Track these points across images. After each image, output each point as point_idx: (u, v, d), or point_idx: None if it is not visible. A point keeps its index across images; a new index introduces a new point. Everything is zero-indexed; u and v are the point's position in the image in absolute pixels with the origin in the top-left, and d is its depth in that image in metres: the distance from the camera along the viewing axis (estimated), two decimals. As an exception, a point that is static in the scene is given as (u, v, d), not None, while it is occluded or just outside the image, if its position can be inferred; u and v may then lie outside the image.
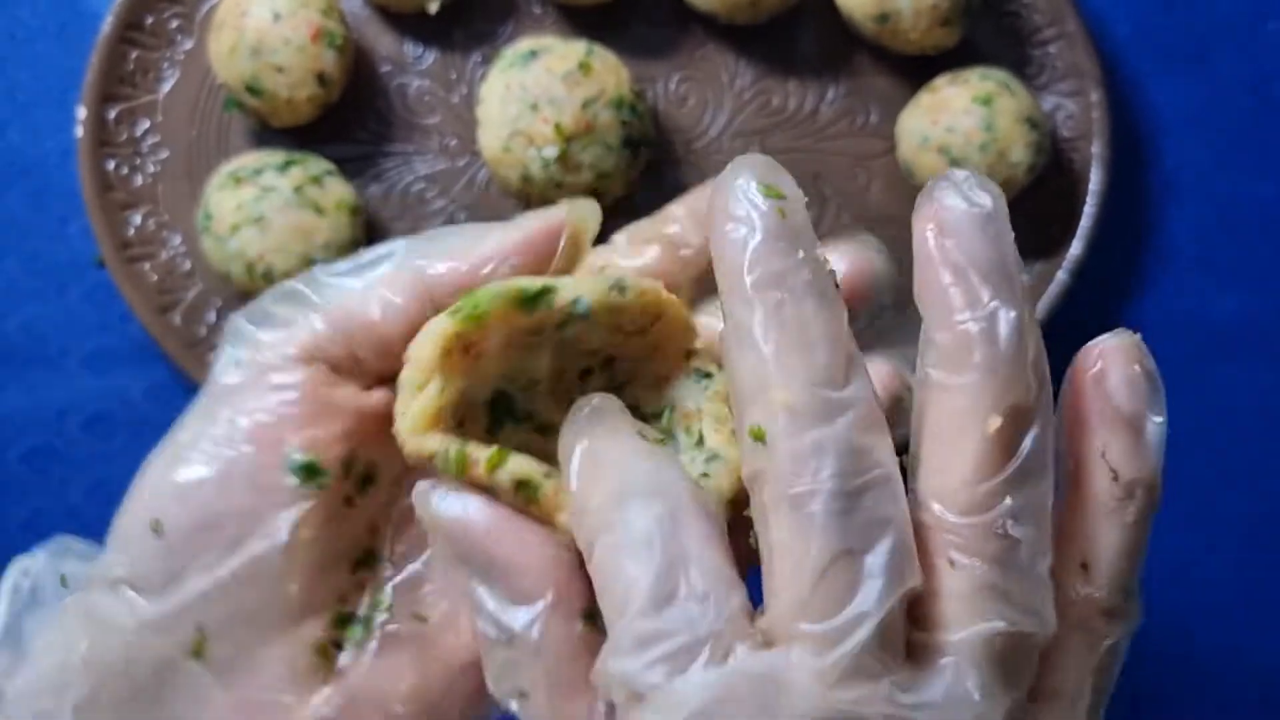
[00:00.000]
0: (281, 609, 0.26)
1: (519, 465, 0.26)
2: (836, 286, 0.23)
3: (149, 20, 0.59)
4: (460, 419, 0.27)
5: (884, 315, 0.29)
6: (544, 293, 0.26)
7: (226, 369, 0.27)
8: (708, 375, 0.28)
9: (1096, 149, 0.59)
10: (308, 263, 0.55)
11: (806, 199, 0.24)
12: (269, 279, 0.55)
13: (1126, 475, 0.24)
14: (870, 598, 0.20)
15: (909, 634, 0.22)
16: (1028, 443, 0.22)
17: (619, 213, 0.60)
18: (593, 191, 0.56)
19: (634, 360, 0.29)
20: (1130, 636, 0.25)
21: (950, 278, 0.22)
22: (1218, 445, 0.62)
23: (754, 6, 0.57)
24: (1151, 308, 0.62)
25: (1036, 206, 0.59)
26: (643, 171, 0.59)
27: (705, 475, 0.27)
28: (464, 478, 0.25)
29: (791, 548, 0.21)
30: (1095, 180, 0.59)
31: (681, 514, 0.22)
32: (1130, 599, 0.25)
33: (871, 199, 0.60)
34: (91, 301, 0.60)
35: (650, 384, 0.29)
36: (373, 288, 0.27)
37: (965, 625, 0.21)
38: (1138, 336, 0.25)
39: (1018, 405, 0.22)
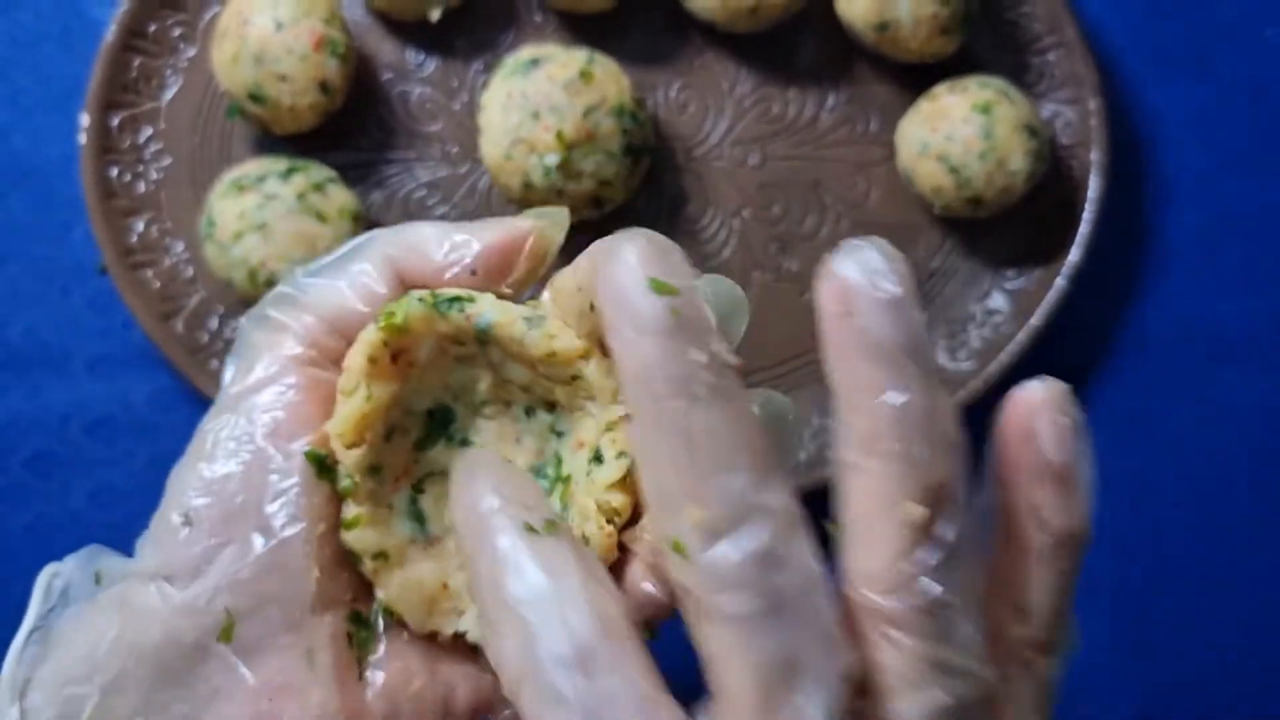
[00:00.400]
0: (304, 598, 0.28)
1: (363, 538, 0.28)
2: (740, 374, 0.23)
3: (152, 28, 0.59)
4: (393, 427, 0.29)
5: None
6: (457, 299, 0.28)
7: (236, 376, 0.29)
8: (600, 460, 0.28)
9: (1095, 156, 0.59)
10: (310, 269, 0.55)
11: (697, 278, 0.23)
12: (271, 286, 0.55)
13: (1058, 527, 0.25)
14: (812, 698, 0.21)
15: (856, 704, 0.22)
16: (946, 525, 0.22)
17: (619, 220, 0.60)
18: (594, 198, 0.56)
19: (570, 412, 0.29)
20: (1067, 661, 0.26)
21: (859, 361, 0.22)
22: (1218, 450, 0.62)
23: (754, 14, 0.57)
24: (1151, 314, 0.62)
25: (1036, 213, 0.60)
26: (643, 179, 0.59)
27: (584, 537, 0.28)
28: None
29: (726, 659, 0.22)
30: (1094, 187, 0.59)
31: (595, 651, 0.22)
32: (1063, 630, 0.26)
33: (871, 206, 0.60)
34: (94, 307, 0.61)
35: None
36: (355, 281, 0.29)
37: (909, 698, 0.22)
38: (1066, 387, 0.25)
39: (932, 486, 0.22)
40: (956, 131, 0.56)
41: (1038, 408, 0.25)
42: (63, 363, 0.61)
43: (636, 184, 0.58)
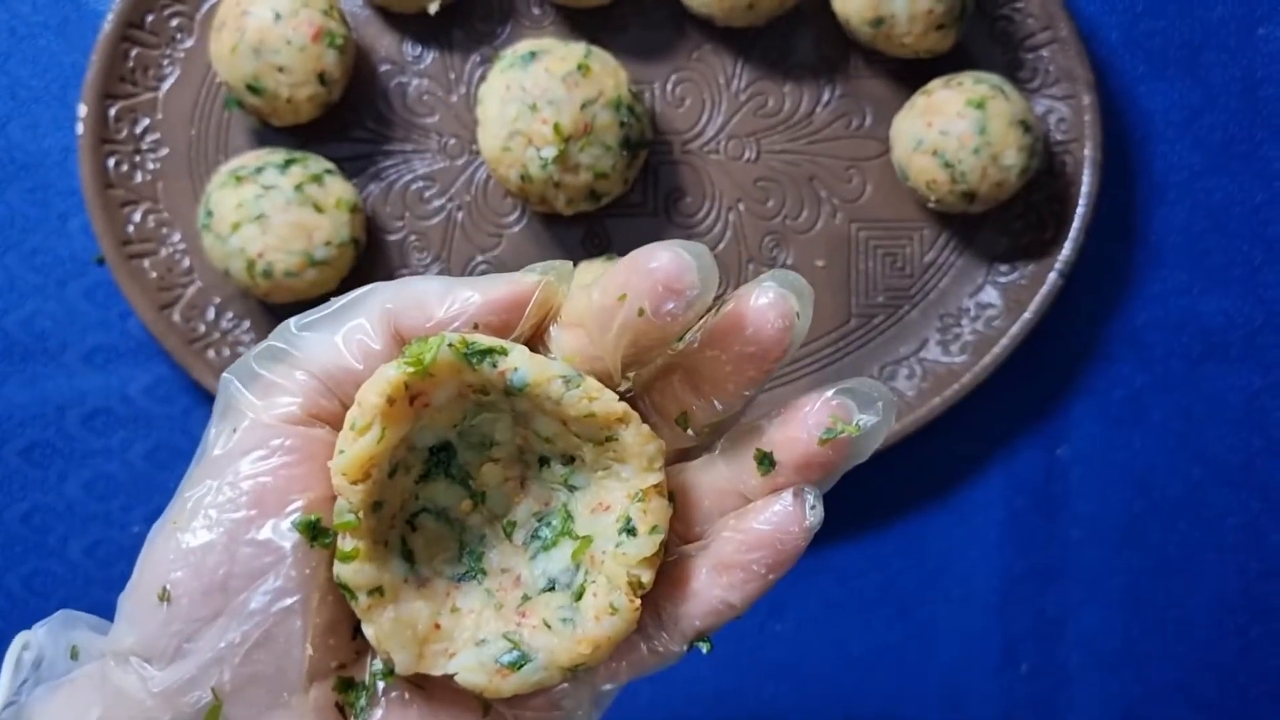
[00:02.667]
0: (293, 672, 0.26)
1: (360, 573, 0.27)
2: None
3: (150, 18, 0.59)
4: (397, 465, 0.28)
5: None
6: (490, 352, 0.27)
7: (220, 438, 0.27)
8: (632, 532, 0.28)
9: (1088, 152, 0.59)
10: (308, 260, 0.55)
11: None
12: (269, 276, 0.55)
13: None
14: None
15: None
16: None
17: (616, 212, 0.60)
18: (591, 191, 0.57)
19: (592, 470, 0.29)
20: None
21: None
22: (1206, 442, 0.63)
23: (751, 10, 0.57)
24: (1141, 308, 0.63)
25: (1029, 209, 0.60)
26: (640, 172, 0.60)
27: (567, 621, 0.28)
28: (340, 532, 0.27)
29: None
30: (1087, 183, 0.59)
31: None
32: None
33: (865, 201, 0.61)
34: (92, 298, 0.61)
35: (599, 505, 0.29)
36: (351, 336, 0.27)
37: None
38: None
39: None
40: (951, 126, 0.56)
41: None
42: (60, 353, 0.61)
43: (633, 177, 0.59)
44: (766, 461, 0.28)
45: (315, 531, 0.27)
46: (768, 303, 0.27)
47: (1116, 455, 0.63)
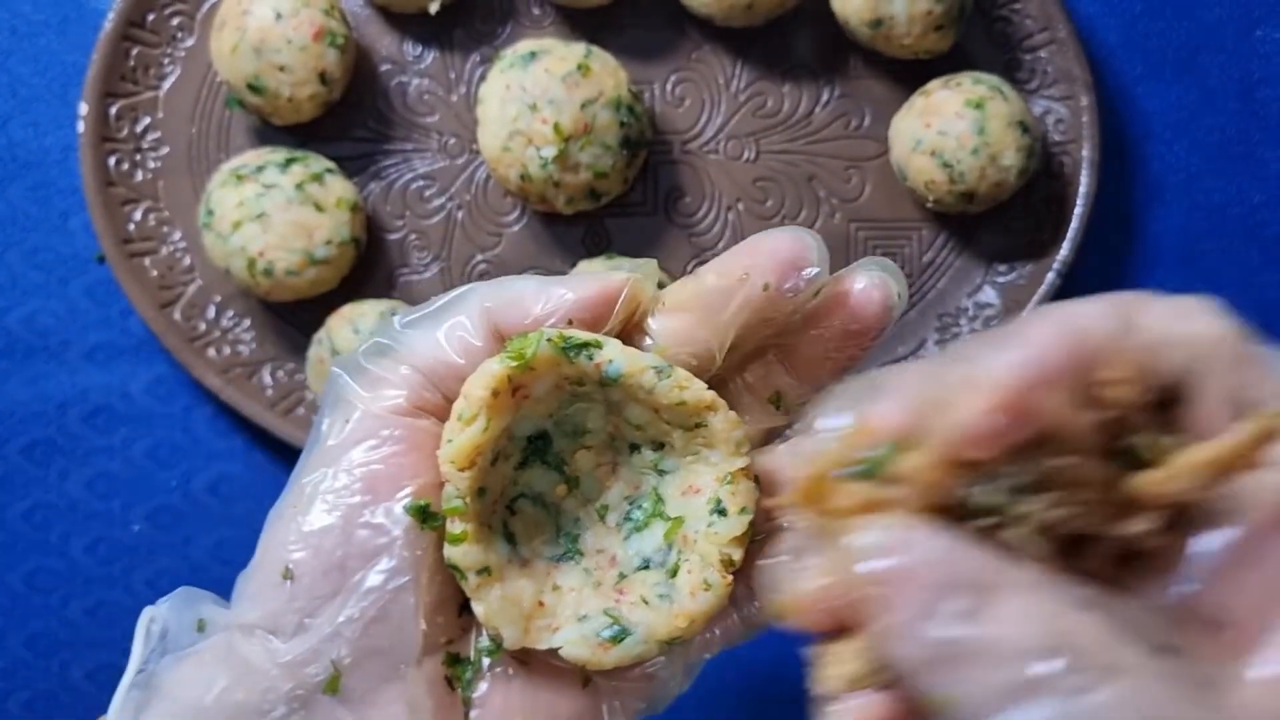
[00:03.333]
0: (408, 646, 0.28)
1: (469, 554, 0.29)
2: None
3: (150, 17, 0.59)
4: (498, 453, 0.30)
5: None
6: (586, 346, 0.28)
7: (333, 428, 0.29)
8: (723, 513, 0.30)
9: (1086, 153, 0.60)
10: (309, 259, 0.56)
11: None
12: (270, 275, 0.56)
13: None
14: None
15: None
16: None
17: (616, 211, 0.60)
18: (590, 191, 0.57)
19: (682, 455, 0.31)
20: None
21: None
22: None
23: (750, 10, 0.57)
24: (1139, 309, 0.63)
25: (1027, 209, 0.60)
26: (640, 171, 0.60)
27: (664, 597, 0.30)
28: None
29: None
30: (1085, 184, 0.60)
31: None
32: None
33: (864, 201, 0.61)
34: (93, 296, 0.61)
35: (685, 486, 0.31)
36: (453, 333, 0.29)
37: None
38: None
39: None
40: (950, 127, 0.56)
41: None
42: (61, 351, 0.61)
43: (633, 176, 0.59)
44: None
45: (425, 515, 0.29)
46: (870, 283, 0.30)
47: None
